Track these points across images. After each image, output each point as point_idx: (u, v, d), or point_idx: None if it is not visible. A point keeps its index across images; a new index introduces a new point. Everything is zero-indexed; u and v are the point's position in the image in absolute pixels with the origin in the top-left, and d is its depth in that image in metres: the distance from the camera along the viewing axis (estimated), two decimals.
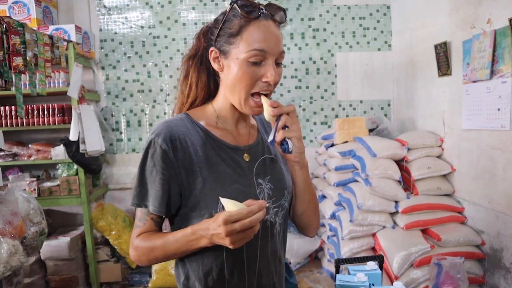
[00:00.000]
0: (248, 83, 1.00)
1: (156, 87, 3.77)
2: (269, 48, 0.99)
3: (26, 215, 2.39)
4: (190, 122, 1.07)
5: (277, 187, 1.12)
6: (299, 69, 3.79)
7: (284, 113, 1.00)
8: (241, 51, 0.99)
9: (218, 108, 1.12)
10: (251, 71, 1.00)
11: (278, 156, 1.19)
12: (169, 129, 1.02)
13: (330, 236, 2.99)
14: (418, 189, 2.69)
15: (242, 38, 0.99)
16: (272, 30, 1.01)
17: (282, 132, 1.01)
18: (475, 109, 2.45)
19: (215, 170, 1.03)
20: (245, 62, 0.99)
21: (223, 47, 1.03)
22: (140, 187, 1.04)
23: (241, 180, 1.06)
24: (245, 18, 1.00)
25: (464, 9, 2.54)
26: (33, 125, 3.33)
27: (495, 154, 2.32)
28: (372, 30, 3.78)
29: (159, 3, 3.72)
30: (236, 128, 1.13)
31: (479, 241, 2.46)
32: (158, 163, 1.01)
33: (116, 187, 3.81)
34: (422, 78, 3.15)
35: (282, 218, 1.15)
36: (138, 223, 1.06)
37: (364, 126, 3.22)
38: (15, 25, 2.38)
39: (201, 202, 1.02)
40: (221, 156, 1.06)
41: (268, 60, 1.00)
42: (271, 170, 1.13)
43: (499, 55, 2.21)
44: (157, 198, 1.01)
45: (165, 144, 1.00)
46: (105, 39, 3.73)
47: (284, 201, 1.13)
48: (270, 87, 1.02)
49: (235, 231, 0.87)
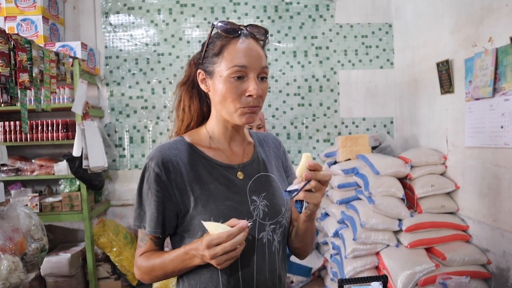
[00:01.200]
0: (233, 98, 1.03)
1: (159, 104, 3.80)
2: (250, 63, 1.02)
3: (27, 231, 2.38)
4: (183, 144, 1.11)
5: (273, 204, 1.12)
6: (302, 87, 3.81)
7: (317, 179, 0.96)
8: (224, 68, 1.03)
9: (210, 129, 1.14)
10: (234, 87, 1.02)
11: (275, 174, 1.19)
12: (161, 152, 1.06)
13: (333, 254, 2.95)
14: (422, 207, 2.67)
15: (223, 57, 1.04)
16: (252, 46, 1.05)
17: (304, 195, 0.97)
18: (478, 127, 2.45)
19: (207, 188, 1.06)
20: (228, 78, 1.03)
21: (208, 68, 1.08)
22: (139, 209, 1.08)
23: (233, 197, 1.07)
24: (226, 37, 1.05)
25: (466, 28, 2.56)
26: (36, 141, 3.34)
27: (499, 172, 2.31)
28: (375, 48, 3.81)
29: (164, 21, 3.77)
30: (229, 147, 1.15)
31: (484, 260, 2.42)
32: (152, 186, 1.05)
33: (118, 203, 3.80)
34: (425, 95, 3.16)
35: (281, 236, 1.14)
36: (140, 243, 1.11)
37: (367, 143, 3.21)
38: (22, 42, 2.41)
39: (195, 220, 1.04)
40: (213, 174, 1.08)
41: (250, 75, 1.03)
42: (267, 187, 1.13)
43: (501, 73, 2.22)
44: (152, 219, 1.05)
45: (157, 168, 1.04)
46: (110, 56, 3.78)
47: (282, 218, 1.13)
48: (255, 101, 1.04)
49: (217, 254, 0.92)
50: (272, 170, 1.19)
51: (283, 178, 1.22)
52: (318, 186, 0.96)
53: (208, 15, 3.77)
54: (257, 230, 1.07)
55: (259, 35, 1.08)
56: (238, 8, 3.78)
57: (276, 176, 1.19)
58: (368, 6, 3.78)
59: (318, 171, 0.96)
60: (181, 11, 3.77)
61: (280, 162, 1.26)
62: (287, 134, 3.83)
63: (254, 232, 1.06)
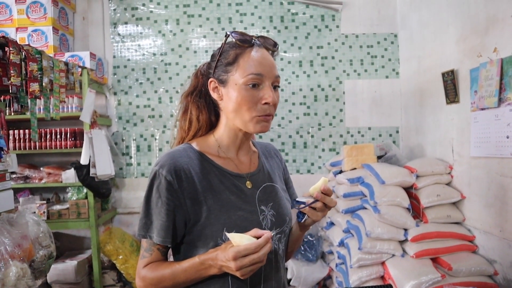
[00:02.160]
0: (249, 106, 1.05)
1: (166, 113, 3.83)
2: (265, 72, 1.05)
3: (35, 238, 2.40)
4: (193, 152, 1.10)
5: (279, 213, 1.14)
6: (308, 96, 3.84)
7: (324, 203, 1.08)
8: (239, 76, 1.05)
9: (219, 137, 1.15)
10: (250, 94, 1.04)
11: (279, 184, 1.22)
12: (173, 160, 1.05)
13: (339, 264, 2.95)
14: (428, 217, 2.66)
15: (239, 65, 1.06)
16: (266, 56, 1.08)
17: (309, 211, 1.08)
18: (484, 137, 2.45)
19: (220, 198, 1.06)
20: (244, 86, 1.04)
21: (221, 77, 1.09)
22: (146, 218, 1.06)
23: (245, 207, 1.08)
24: (240, 46, 1.07)
25: (471, 38, 2.58)
26: (45, 149, 3.40)
27: (505, 182, 2.30)
28: (380, 58, 3.83)
29: (171, 31, 3.83)
30: (237, 156, 1.16)
31: (491, 271, 2.40)
32: (164, 194, 1.03)
33: (125, 211, 3.82)
34: (430, 105, 3.17)
35: (284, 245, 1.17)
36: (144, 254, 1.07)
37: (372, 153, 3.22)
38: (33, 53, 2.47)
39: (206, 230, 1.03)
40: (225, 184, 1.08)
41: (265, 83, 1.05)
42: (273, 197, 1.15)
43: (506, 83, 2.23)
44: (163, 228, 1.03)
45: (169, 176, 1.02)
46: (118, 66, 3.83)
47: (286, 227, 1.16)
48: (271, 109, 1.06)
49: (245, 265, 0.91)
50: (276, 181, 1.21)
51: (285, 189, 1.25)
52: (322, 208, 1.08)
53: (215, 26, 3.82)
54: None
55: (270, 45, 1.11)
56: (244, 19, 3.82)
57: (280, 186, 1.21)
58: (373, 16, 3.81)
59: (328, 196, 1.07)
60: (188, 22, 3.83)
61: (281, 173, 1.29)
62: (292, 143, 3.85)
63: None
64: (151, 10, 3.82)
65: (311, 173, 3.83)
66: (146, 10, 3.82)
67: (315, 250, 3.29)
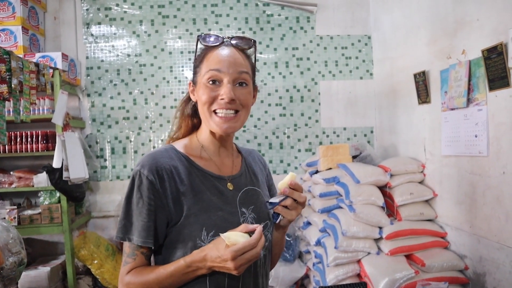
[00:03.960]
0: (207, 101, 1.06)
1: (141, 115, 3.78)
2: (224, 68, 1.05)
3: (4, 244, 2.33)
4: (174, 153, 1.10)
5: (260, 217, 1.14)
6: (284, 97, 3.86)
7: (293, 198, 1.07)
8: (202, 74, 1.08)
9: (201, 138, 1.16)
10: (209, 90, 1.06)
11: (261, 189, 1.22)
12: (155, 160, 1.05)
13: (316, 263, 2.97)
14: (402, 215, 2.72)
15: (203, 64, 1.09)
16: (230, 53, 1.08)
17: (282, 210, 1.08)
18: (454, 136, 2.52)
19: (200, 198, 1.05)
20: (205, 83, 1.06)
21: (194, 78, 1.13)
22: (125, 219, 1.04)
23: (225, 208, 1.07)
24: (206, 47, 1.10)
25: (440, 40, 2.65)
26: (15, 152, 3.29)
27: (474, 179, 2.38)
28: (354, 59, 3.89)
29: (146, 32, 3.78)
30: (219, 158, 1.16)
31: (462, 266, 2.48)
32: (145, 194, 1.01)
33: (100, 215, 3.75)
34: (403, 105, 3.24)
35: (267, 250, 1.16)
36: (127, 259, 1.04)
37: (347, 153, 3.26)
38: (1, 53, 2.39)
39: (185, 229, 1.03)
40: (206, 185, 1.08)
41: (224, 80, 1.06)
42: (254, 201, 1.16)
43: (474, 84, 2.30)
44: (144, 229, 1.01)
45: (151, 175, 1.02)
46: (91, 67, 3.76)
47: (267, 232, 1.16)
48: (228, 105, 1.05)
49: (244, 263, 0.92)
50: (258, 185, 1.22)
51: (267, 194, 1.25)
52: (294, 205, 1.07)
53: (190, 27, 3.80)
54: None
55: (242, 44, 1.11)
56: (220, 20, 3.82)
57: (262, 191, 1.22)
58: (347, 18, 3.87)
59: (296, 191, 1.07)
60: (163, 22, 3.79)
61: (265, 179, 1.30)
62: (269, 144, 3.86)
63: None
64: (125, 10, 3.77)
65: (288, 173, 3.84)
66: (120, 10, 3.77)
67: (292, 250, 3.31)
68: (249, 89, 1.11)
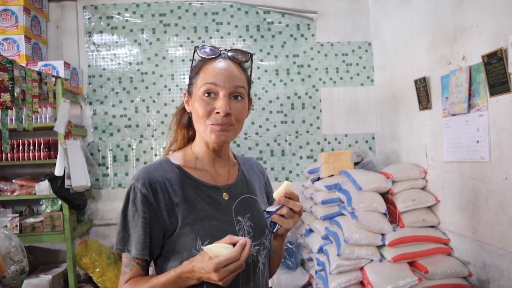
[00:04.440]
0: (203, 115, 1.06)
1: (143, 122, 3.80)
2: (220, 81, 1.06)
3: (6, 253, 2.32)
4: (168, 165, 1.11)
5: (257, 225, 1.14)
6: (285, 104, 3.87)
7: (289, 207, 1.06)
8: (198, 87, 1.08)
9: (196, 150, 1.17)
10: (205, 104, 1.06)
11: (258, 197, 1.22)
12: (148, 174, 1.06)
13: (318, 270, 2.96)
14: (404, 221, 2.71)
15: (199, 76, 1.09)
16: (227, 66, 1.08)
17: (278, 218, 1.08)
18: (456, 142, 2.52)
19: (194, 209, 1.06)
20: (201, 96, 1.07)
21: (190, 89, 1.13)
22: (123, 231, 1.06)
23: (219, 217, 1.08)
24: (205, 59, 1.10)
25: (441, 46, 2.66)
26: (18, 160, 3.29)
27: (477, 185, 2.37)
28: (355, 66, 3.90)
29: (147, 40, 3.81)
30: (214, 168, 1.17)
31: (466, 273, 2.46)
32: (140, 207, 1.03)
33: (101, 223, 3.74)
34: (404, 112, 3.25)
35: (265, 258, 1.16)
36: (125, 270, 1.07)
37: (349, 159, 3.26)
38: (4, 62, 2.41)
39: (180, 240, 1.04)
40: (200, 195, 1.09)
41: (220, 93, 1.06)
42: (251, 209, 1.16)
43: (475, 90, 2.30)
44: (139, 242, 1.03)
45: (144, 189, 1.04)
46: (93, 75, 3.78)
47: (265, 239, 1.15)
48: (224, 119, 1.05)
49: (227, 275, 0.93)
50: (255, 193, 1.22)
51: (265, 202, 1.25)
52: (290, 213, 1.07)
53: (191, 35, 3.82)
54: None
55: (239, 57, 1.12)
56: (220, 28, 3.84)
57: (260, 199, 1.22)
58: (348, 25, 3.89)
59: (292, 200, 1.06)
60: (165, 31, 3.81)
61: (263, 187, 1.30)
62: (270, 151, 3.86)
63: None
64: (127, 19, 3.79)
65: (290, 180, 3.84)
66: (122, 19, 3.79)
67: (294, 258, 3.29)
68: (244, 103, 1.12)
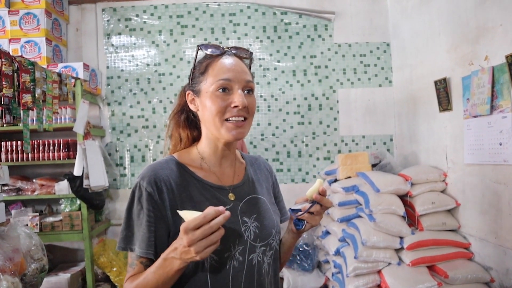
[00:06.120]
0: (219, 110, 1.06)
1: (160, 123, 3.82)
2: (234, 77, 1.06)
3: (27, 251, 2.36)
4: (174, 164, 1.11)
5: (264, 226, 1.13)
6: (302, 105, 3.85)
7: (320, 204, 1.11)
8: (209, 84, 1.07)
9: (201, 149, 1.16)
10: (220, 99, 1.06)
11: (265, 197, 1.21)
12: (154, 172, 1.06)
13: (335, 273, 2.93)
14: (423, 225, 2.66)
15: (208, 74, 1.08)
16: (235, 62, 1.10)
17: (308, 216, 1.11)
18: (477, 144, 2.46)
19: (199, 209, 1.03)
20: (214, 93, 1.06)
21: (196, 87, 1.12)
22: (127, 230, 1.05)
23: None
24: (211, 57, 1.11)
25: (462, 46, 2.61)
26: (38, 160, 3.36)
27: (499, 188, 2.31)
28: (373, 66, 3.86)
29: (165, 41, 3.84)
30: (220, 168, 1.16)
31: (487, 278, 2.40)
32: (145, 205, 1.03)
33: (119, 223, 3.78)
34: (424, 113, 3.19)
35: (271, 258, 1.15)
36: (129, 269, 1.06)
37: (367, 161, 3.22)
38: (26, 64, 2.46)
39: None
40: (205, 195, 1.08)
41: (234, 88, 1.07)
42: (257, 209, 1.15)
43: (498, 91, 2.25)
44: (144, 240, 1.02)
45: (150, 187, 1.03)
46: (111, 76, 3.83)
47: (272, 240, 1.14)
48: (241, 112, 1.06)
49: (197, 239, 0.87)
50: (262, 193, 1.21)
51: (273, 202, 1.24)
52: (320, 210, 1.11)
53: (209, 36, 3.84)
54: (247, 251, 1.07)
55: (242, 54, 1.14)
56: (238, 29, 3.84)
57: (267, 199, 1.20)
58: (366, 26, 3.85)
59: (325, 198, 1.10)
60: (182, 32, 3.84)
61: (270, 186, 1.29)
62: (287, 152, 3.85)
63: (244, 253, 1.07)
64: (145, 21, 3.83)
65: (306, 182, 3.83)
66: (140, 21, 3.83)
67: (311, 260, 3.27)
68: (254, 97, 1.13)
